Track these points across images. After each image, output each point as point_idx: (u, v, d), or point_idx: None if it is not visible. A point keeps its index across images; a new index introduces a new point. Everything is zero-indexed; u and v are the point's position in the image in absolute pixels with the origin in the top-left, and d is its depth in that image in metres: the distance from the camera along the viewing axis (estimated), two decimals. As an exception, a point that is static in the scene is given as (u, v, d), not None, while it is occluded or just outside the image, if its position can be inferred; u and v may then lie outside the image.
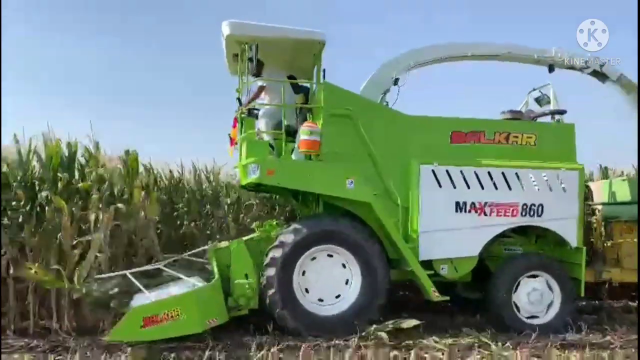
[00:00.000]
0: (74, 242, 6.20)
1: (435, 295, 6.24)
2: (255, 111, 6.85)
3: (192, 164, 9.70)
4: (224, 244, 6.72)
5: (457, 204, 6.43)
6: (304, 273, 6.14)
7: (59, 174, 6.37)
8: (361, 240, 6.08)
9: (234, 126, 6.79)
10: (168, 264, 6.73)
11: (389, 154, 6.55)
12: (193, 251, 7.16)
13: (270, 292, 5.95)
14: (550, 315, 6.52)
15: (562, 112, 7.02)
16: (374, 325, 5.88)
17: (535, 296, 6.48)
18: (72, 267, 6.17)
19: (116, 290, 5.99)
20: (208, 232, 8.52)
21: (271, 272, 5.96)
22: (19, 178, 6.38)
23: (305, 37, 6.46)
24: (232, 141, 6.97)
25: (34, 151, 6.51)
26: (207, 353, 5.25)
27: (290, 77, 7.42)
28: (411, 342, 5.72)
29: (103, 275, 6.08)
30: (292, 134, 6.79)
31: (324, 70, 6.76)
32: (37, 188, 6.42)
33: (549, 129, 7.00)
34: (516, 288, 6.50)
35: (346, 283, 6.20)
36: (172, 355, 5.29)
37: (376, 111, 6.71)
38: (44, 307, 6.38)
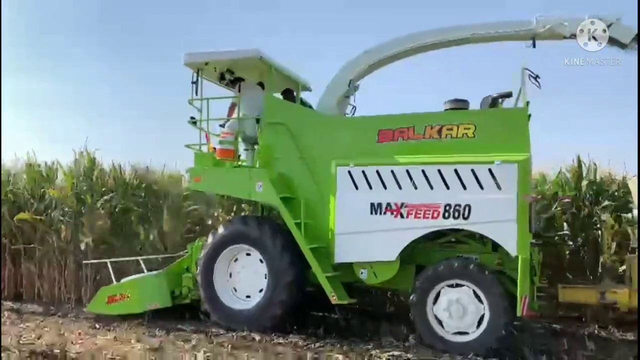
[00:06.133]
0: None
1: (333, 298, 6.05)
2: (220, 127, 7.72)
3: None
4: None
5: (372, 205, 6.09)
6: (228, 271, 6.74)
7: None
8: (265, 241, 6.36)
9: (208, 140, 7.77)
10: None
11: (317, 157, 6.63)
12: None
13: (198, 287, 6.76)
14: (476, 334, 5.54)
15: (507, 96, 5.86)
16: None
17: (457, 309, 5.61)
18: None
19: None
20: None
21: (198, 270, 6.78)
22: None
23: (243, 56, 7.07)
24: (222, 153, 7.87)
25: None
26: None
27: (286, 91, 8.03)
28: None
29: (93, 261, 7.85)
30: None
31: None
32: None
33: (492, 117, 5.97)
34: (436, 299, 5.74)
35: (265, 279, 6.52)
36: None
37: (306, 117, 6.87)
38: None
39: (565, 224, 7.52)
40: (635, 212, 6.41)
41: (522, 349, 5.74)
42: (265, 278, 6.44)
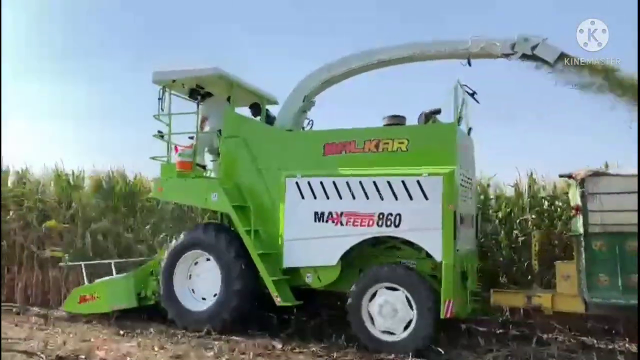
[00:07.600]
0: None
1: (277, 300, 6.52)
2: (190, 139, 8.24)
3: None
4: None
5: (316, 213, 6.56)
6: (188, 274, 7.25)
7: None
8: (220, 247, 6.86)
9: (176, 152, 8.29)
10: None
11: (271, 168, 7.13)
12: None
13: (160, 288, 7.28)
14: (405, 334, 5.96)
15: (436, 112, 6.28)
16: None
17: (388, 311, 6.03)
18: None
19: None
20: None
21: (161, 272, 7.30)
22: None
23: (204, 74, 7.62)
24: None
25: None
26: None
27: (254, 105, 8.54)
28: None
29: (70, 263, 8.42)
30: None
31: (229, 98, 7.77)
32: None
33: (423, 132, 6.41)
34: (371, 299, 6.18)
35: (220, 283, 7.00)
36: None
37: (261, 131, 7.37)
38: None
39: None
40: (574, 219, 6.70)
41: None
42: (220, 282, 6.92)
